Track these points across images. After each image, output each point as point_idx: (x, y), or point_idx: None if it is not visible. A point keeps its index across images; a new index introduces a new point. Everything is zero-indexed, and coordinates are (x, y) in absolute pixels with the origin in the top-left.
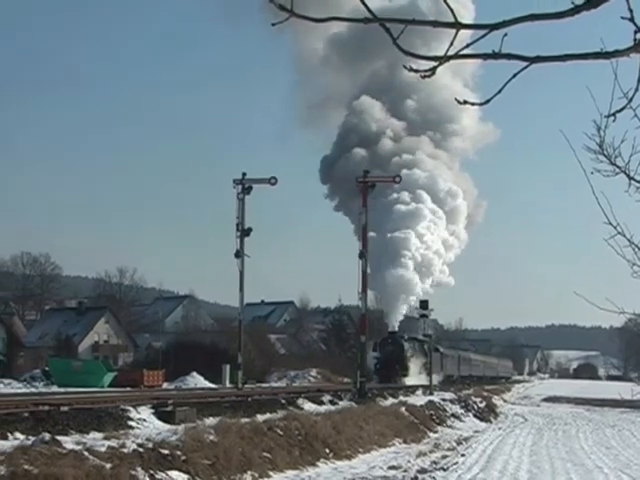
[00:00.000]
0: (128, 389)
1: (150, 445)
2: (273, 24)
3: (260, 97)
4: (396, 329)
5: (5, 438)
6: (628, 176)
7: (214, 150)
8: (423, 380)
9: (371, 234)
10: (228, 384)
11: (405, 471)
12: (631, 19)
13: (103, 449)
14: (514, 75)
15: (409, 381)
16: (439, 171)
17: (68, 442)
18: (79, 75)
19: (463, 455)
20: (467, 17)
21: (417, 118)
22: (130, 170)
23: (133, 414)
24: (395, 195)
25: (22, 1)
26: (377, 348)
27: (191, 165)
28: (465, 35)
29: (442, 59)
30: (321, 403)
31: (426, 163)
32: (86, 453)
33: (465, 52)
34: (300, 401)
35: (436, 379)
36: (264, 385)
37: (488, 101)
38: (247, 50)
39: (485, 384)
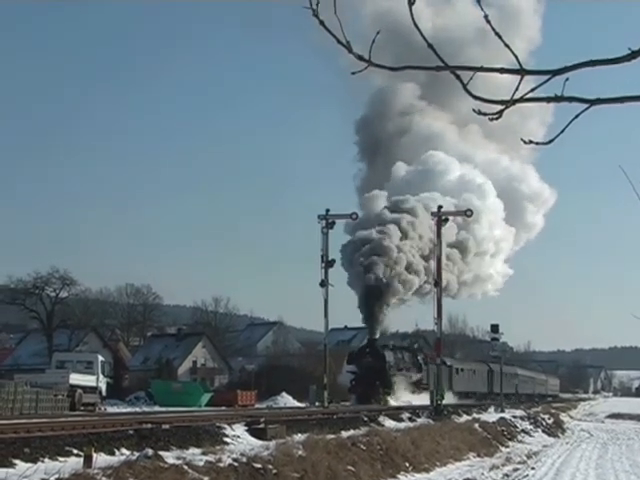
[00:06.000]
0: (223, 408)
1: (244, 460)
2: (353, 73)
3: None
4: (376, 336)
5: (112, 454)
6: None
7: (301, 186)
8: (417, 399)
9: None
10: (315, 403)
11: None
12: None
13: (201, 463)
14: (576, 116)
15: (395, 401)
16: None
17: (169, 457)
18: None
19: (533, 468)
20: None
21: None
22: (223, 208)
23: (228, 431)
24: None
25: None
26: (353, 361)
27: (281, 200)
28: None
29: (509, 103)
30: (400, 420)
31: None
32: (186, 467)
33: (530, 96)
34: (381, 418)
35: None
36: (347, 404)
37: (551, 141)
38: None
39: (526, 403)
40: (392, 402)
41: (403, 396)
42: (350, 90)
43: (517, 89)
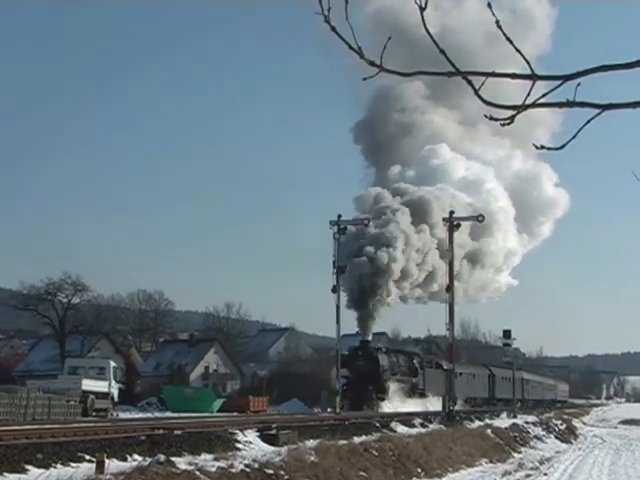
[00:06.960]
0: (235, 414)
1: (256, 465)
2: (364, 79)
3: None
4: (369, 338)
5: (124, 460)
6: None
7: (304, 187)
8: (410, 406)
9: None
10: (327, 409)
11: None
12: None
13: (213, 469)
14: (588, 121)
15: (388, 407)
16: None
17: (181, 463)
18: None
19: (546, 474)
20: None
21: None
22: (229, 212)
23: (240, 437)
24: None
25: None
26: (345, 364)
27: (285, 202)
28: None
29: (520, 108)
30: (412, 426)
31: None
32: (198, 473)
33: (541, 101)
34: (393, 424)
35: (431, 403)
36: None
37: (563, 146)
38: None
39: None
40: (387, 408)
41: (398, 400)
42: (352, 89)
43: (529, 94)
